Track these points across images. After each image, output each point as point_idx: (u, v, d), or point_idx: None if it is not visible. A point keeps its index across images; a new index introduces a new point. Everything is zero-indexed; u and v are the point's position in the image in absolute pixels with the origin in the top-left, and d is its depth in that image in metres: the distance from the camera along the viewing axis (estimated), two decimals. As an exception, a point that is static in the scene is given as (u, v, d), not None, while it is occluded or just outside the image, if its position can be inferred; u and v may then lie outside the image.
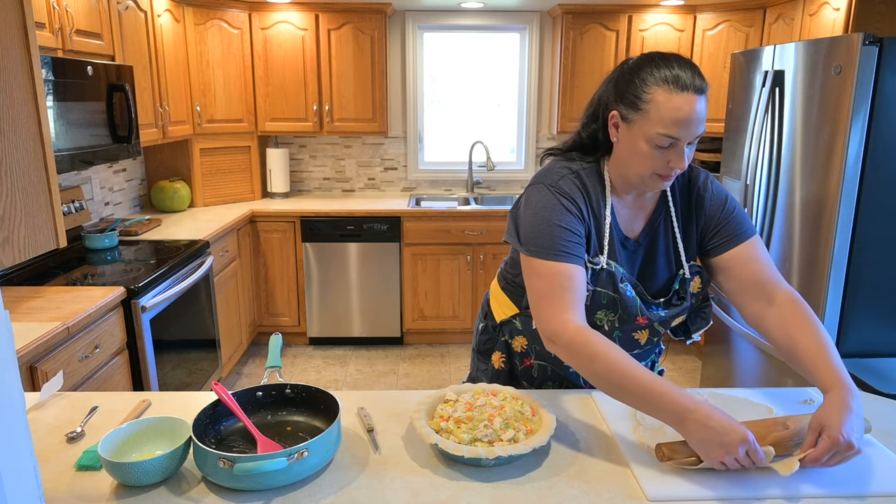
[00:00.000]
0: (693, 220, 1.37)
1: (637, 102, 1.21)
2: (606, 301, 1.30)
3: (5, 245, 0.98)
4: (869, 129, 2.22)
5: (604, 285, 1.29)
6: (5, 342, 0.79)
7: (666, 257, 1.36)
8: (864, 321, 2.36)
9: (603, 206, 1.31)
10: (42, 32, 2.39)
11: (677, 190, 1.38)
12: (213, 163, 4.10)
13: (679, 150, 1.20)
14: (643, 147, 1.22)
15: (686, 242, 1.37)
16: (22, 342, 1.81)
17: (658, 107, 1.18)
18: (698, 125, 1.18)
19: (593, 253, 1.30)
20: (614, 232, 1.32)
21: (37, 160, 1.06)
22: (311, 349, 4.21)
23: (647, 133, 1.20)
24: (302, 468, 1.07)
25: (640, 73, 1.21)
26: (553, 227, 1.25)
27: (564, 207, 1.26)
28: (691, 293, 1.37)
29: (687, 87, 1.17)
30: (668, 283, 1.38)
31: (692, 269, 1.37)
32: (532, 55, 4.50)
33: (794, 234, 2.51)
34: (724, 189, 1.39)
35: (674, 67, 1.18)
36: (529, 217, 1.28)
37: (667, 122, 1.18)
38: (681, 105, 1.16)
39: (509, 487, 1.09)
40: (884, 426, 1.30)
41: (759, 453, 1.05)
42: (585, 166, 1.33)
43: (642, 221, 1.36)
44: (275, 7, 4.02)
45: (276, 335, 1.42)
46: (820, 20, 3.21)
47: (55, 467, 1.15)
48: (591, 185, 1.31)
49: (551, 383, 1.48)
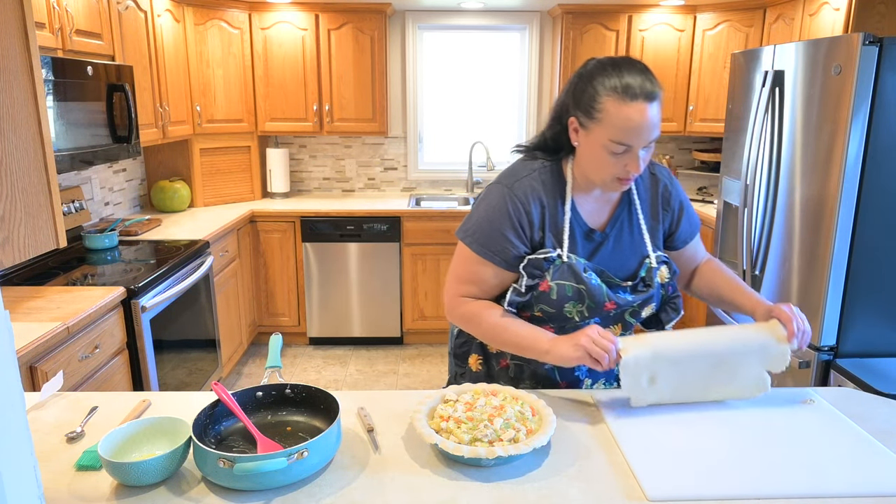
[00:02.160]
0: (659, 213, 1.46)
1: (591, 111, 1.26)
2: (572, 293, 1.34)
3: (5, 245, 0.98)
4: (869, 129, 2.22)
5: (566, 277, 1.34)
6: (5, 342, 0.79)
7: (632, 247, 1.43)
8: (864, 321, 2.36)
9: (562, 203, 1.38)
10: (42, 32, 2.39)
11: (640, 184, 1.45)
12: (213, 163, 4.10)
13: (634, 155, 1.26)
14: (600, 153, 1.27)
15: (651, 233, 1.44)
16: (22, 342, 1.81)
17: (610, 116, 1.23)
18: (651, 131, 1.23)
19: (551, 246, 1.36)
20: (576, 226, 1.38)
21: (37, 160, 1.06)
22: (311, 349, 4.21)
23: (601, 140, 1.25)
24: (302, 468, 1.07)
25: (593, 82, 1.25)
26: (494, 231, 1.35)
27: (510, 215, 1.35)
28: (659, 282, 1.42)
29: (637, 95, 1.21)
30: (637, 270, 1.43)
31: (659, 259, 1.43)
32: (532, 55, 4.50)
33: (794, 234, 2.51)
34: (680, 186, 1.52)
35: (624, 76, 1.22)
36: (481, 213, 1.38)
37: (619, 130, 1.22)
38: (631, 115, 1.21)
39: (509, 487, 1.09)
40: (884, 426, 1.30)
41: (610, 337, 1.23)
42: (547, 164, 1.39)
43: (607, 214, 1.42)
44: (275, 7, 4.02)
45: (276, 335, 1.42)
46: (820, 20, 3.21)
47: (55, 467, 1.15)
48: (550, 184, 1.38)
49: (528, 382, 1.49)
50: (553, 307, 1.36)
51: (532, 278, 1.36)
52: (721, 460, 1.15)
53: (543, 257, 1.35)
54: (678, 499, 1.06)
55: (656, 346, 1.29)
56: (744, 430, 1.26)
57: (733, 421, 1.30)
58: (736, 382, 1.33)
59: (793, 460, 1.16)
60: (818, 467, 1.14)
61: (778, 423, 1.29)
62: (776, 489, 1.07)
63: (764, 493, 1.06)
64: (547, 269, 1.35)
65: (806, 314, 2.45)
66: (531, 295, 1.37)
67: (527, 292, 1.37)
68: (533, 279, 1.36)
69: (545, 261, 1.35)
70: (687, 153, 4.71)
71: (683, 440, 1.22)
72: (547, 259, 1.35)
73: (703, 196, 4.30)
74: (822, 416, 1.33)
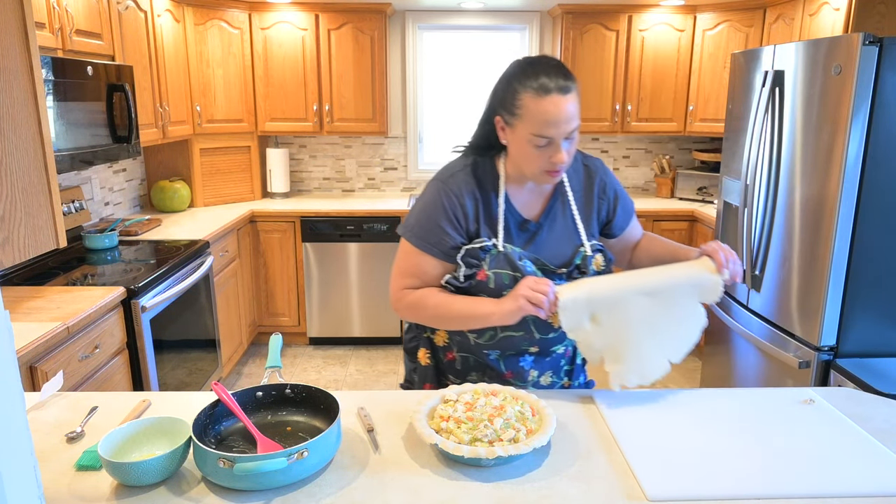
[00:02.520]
0: (594, 202, 1.52)
1: (513, 109, 1.33)
2: (509, 281, 1.39)
3: (5, 245, 0.98)
4: (869, 129, 2.22)
5: (502, 266, 1.40)
6: (5, 342, 0.79)
7: (566, 236, 1.49)
8: (864, 321, 2.36)
9: (495, 196, 1.45)
10: (42, 32, 2.39)
11: (573, 176, 1.51)
12: (213, 163, 4.10)
13: (556, 146, 1.33)
14: (526, 148, 1.34)
15: (586, 222, 1.51)
16: (22, 342, 1.81)
17: (529, 111, 1.30)
18: (568, 122, 1.31)
19: (486, 237, 1.43)
20: (510, 217, 1.45)
21: (37, 160, 1.06)
22: (311, 349, 4.21)
23: (525, 135, 1.33)
24: (302, 468, 1.07)
25: (513, 82, 1.34)
26: (431, 224, 1.43)
27: (444, 208, 1.43)
28: (595, 270, 1.47)
29: (550, 90, 1.28)
30: (572, 258, 1.49)
31: (594, 247, 1.49)
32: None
33: (794, 234, 2.51)
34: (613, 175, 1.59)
35: (539, 74, 1.30)
36: (418, 209, 1.47)
37: (538, 124, 1.30)
38: (547, 108, 1.29)
39: (509, 487, 1.09)
40: (884, 426, 1.30)
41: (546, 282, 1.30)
42: (479, 161, 1.48)
43: (541, 205, 1.49)
44: (275, 7, 4.02)
45: (276, 335, 1.42)
46: (820, 20, 3.21)
47: (55, 467, 1.15)
48: (483, 179, 1.45)
49: (475, 374, 1.53)
50: (492, 296, 1.40)
51: (470, 268, 1.43)
52: (721, 460, 1.16)
53: (479, 246, 1.42)
54: (678, 499, 1.06)
55: (592, 286, 1.35)
56: (744, 430, 1.26)
57: (733, 421, 1.30)
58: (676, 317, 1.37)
59: (793, 460, 1.16)
60: (818, 467, 1.14)
61: (778, 423, 1.29)
62: (776, 489, 1.07)
63: (764, 493, 1.06)
64: (483, 258, 1.41)
65: (806, 314, 2.45)
66: (470, 284, 1.42)
67: (465, 281, 1.43)
68: (471, 268, 1.43)
69: (481, 250, 1.42)
70: (687, 153, 4.71)
71: (683, 440, 1.22)
72: (483, 248, 1.42)
73: (703, 196, 4.30)
74: (822, 416, 1.33)
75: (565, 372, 1.57)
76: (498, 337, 1.45)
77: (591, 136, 4.64)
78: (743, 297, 2.90)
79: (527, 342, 1.45)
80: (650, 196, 4.60)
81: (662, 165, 4.54)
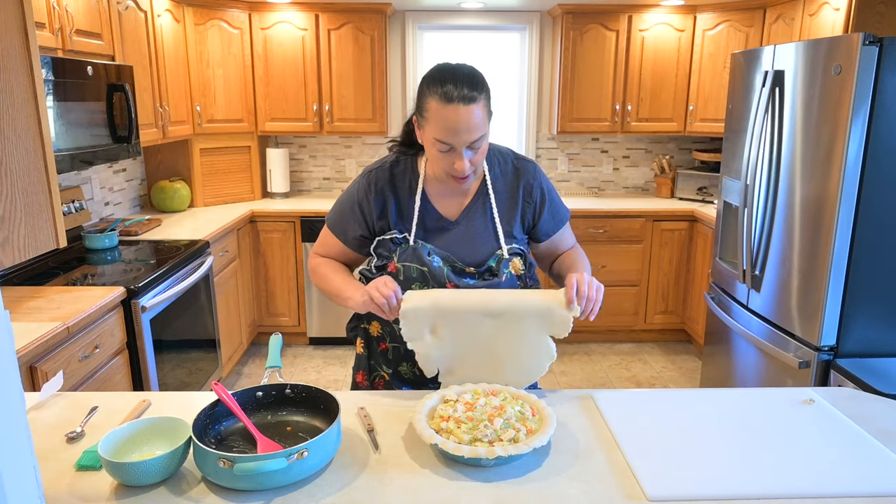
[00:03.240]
0: (519, 205, 1.53)
1: (422, 111, 1.38)
2: (416, 274, 1.44)
3: (5, 245, 0.98)
4: (869, 129, 2.22)
5: (411, 259, 1.45)
6: (5, 342, 0.79)
7: (484, 237, 1.50)
8: (864, 321, 2.36)
9: (412, 194, 1.50)
10: (42, 32, 2.39)
11: (499, 177, 1.53)
12: (213, 163, 4.10)
13: (458, 154, 1.36)
14: (431, 150, 1.39)
15: (507, 224, 1.51)
16: (22, 342, 1.81)
17: (434, 116, 1.34)
18: (470, 132, 1.33)
19: (398, 230, 1.49)
20: (426, 214, 1.50)
21: (37, 160, 1.06)
22: (311, 349, 4.21)
23: (430, 138, 1.37)
24: (302, 468, 1.07)
25: (424, 86, 1.38)
26: (342, 213, 1.55)
27: (355, 201, 1.52)
28: (513, 273, 1.48)
29: (453, 98, 1.31)
30: (487, 259, 1.50)
31: (512, 251, 1.50)
32: (532, 55, 4.50)
33: (794, 234, 2.51)
34: (548, 181, 1.59)
35: (447, 81, 1.33)
36: (341, 195, 1.59)
37: (440, 129, 1.34)
38: (448, 115, 1.32)
39: (509, 487, 1.09)
40: (884, 426, 1.30)
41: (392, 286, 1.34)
42: (401, 158, 1.54)
43: (460, 205, 1.51)
44: (275, 7, 4.02)
45: (276, 335, 1.42)
46: (820, 20, 3.21)
47: (55, 467, 1.15)
48: (401, 176, 1.52)
49: (405, 364, 1.55)
50: (402, 287, 1.44)
51: (381, 259, 1.50)
52: (721, 460, 1.16)
53: (390, 238, 1.48)
54: (678, 499, 1.06)
55: (438, 298, 1.35)
56: (744, 430, 1.26)
57: (733, 421, 1.30)
58: (523, 347, 1.36)
59: (793, 460, 1.16)
60: (818, 467, 1.14)
61: (778, 423, 1.29)
62: (776, 489, 1.07)
63: (764, 493, 1.06)
64: (394, 251, 1.48)
65: (806, 314, 2.45)
66: (381, 274, 1.48)
67: (377, 272, 1.51)
68: (381, 259, 1.50)
69: (392, 242, 1.48)
70: (687, 153, 4.71)
71: (683, 440, 1.22)
72: (394, 241, 1.48)
73: (703, 196, 4.30)
74: (822, 416, 1.33)
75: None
76: None
77: (591, 136, 4.64)
78: (743, 297, 2.90)
79: None
80: (650, 196, 4.60)
81: (662, 165, 4.54)
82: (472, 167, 1.38)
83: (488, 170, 1.52)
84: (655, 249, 4.14)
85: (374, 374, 1.61)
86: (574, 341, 4.31)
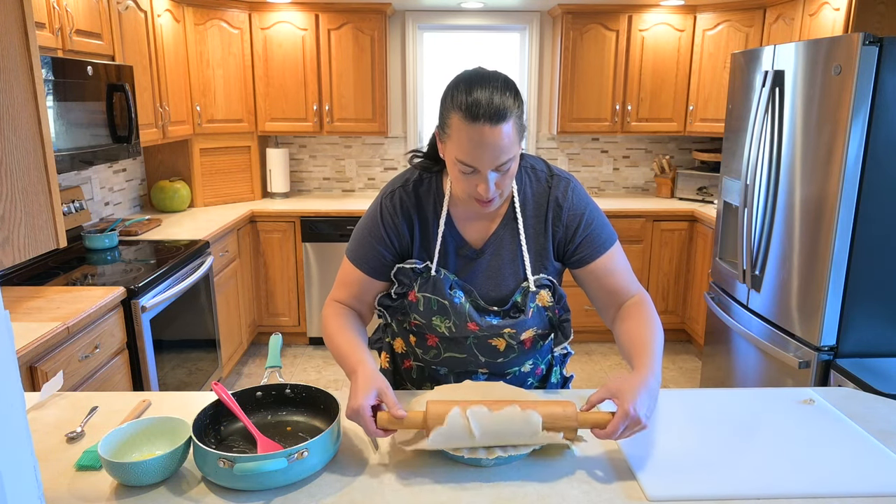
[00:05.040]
0: (548, 229, 1.34)
1: (444, 127, 1.20)
2: (437, 307, 1.32)
3: (5, 245, 0.98)
4: (869, 129, 2.22)
5: (432, 291, 1.32)
6: (5, 342, 0.79)
7: (512, 267, 1.34)
8: (864, 321, 2.36)
9: (436, 216, 1.34)
10: (42, 32, 2.39)
11: (529, 198, 1.34)
12: (213, 163, 4.10)
13: (482, 177, 1.18)
14: (453, 170, 1.21)
15: (536, 255, 1.34)
16: (22, 342, 1.81)
17: (456, 134, 1.16)
18: (497, 155, 1.15)
19: (420, 259, 1.34)
20: (450, 240, 1.34)
21: (37, 160, 1.06)
22: (311, 349, 4.21)
23: (451, 158, 1.20)
24: (302, 468, 1.07)
25: (447, 96, 1.20)
26: (364, 240, 1.37)
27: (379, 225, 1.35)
28: (541, 307, 1.34)
29: (479, 116, 1.12)
30: (512, 293, 1.35)
31: (539, 282, 1.33)
32: (532, 55, 4.50)
33: (794, 234, 2.51)
34: (585, 199, 1.36)
35: (473, 93, 1.14)
36: (360, 222, 1.42)
37: (462, 150, 1.16)
38: (472, 136, 1.14)
39: (509, 488, 1.09)
40: (884, 426, 1.30)
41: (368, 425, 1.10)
42: (425, 176, 1.36)
43: (487, 231, 1.35)
44: (275, 7, 4.02)
45: (276, 335, 1.42)
46: (820, 20, 3.21)
47: (55, 467, 1.15)
48: (424, 197, 1.35)
49: (429, 384, 1.48)
50: (422, 318, 1.35)
51: (401, 286, 1.36)
52: (721, 460, 1.16)
53: (411, 267, 1.33)
54: (678, 499, 1.06)
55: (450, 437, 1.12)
56: (744, 430, 1.26)
57: (733, 421, 1.30)
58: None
59: (793, 460, 1.16)
60: (818, 467, 1.14)
61: (778, 423, 1.29)
62: (776, 489, 1.07)
63: (764, 493, 1.06)
64: (415, 279, 1.34)
65: (806, 314, 2.45)
66: (402, 302, 1.38)
67: (398, 299, 1.38)
68: (402, 287, 1.36)
69: (412, 271, 1.34)
70: (687, 153, 4.71)
71: (683, 440, 1.22)
72: (414, 270, 1.33)
73: (703, 196, 4.30)
74: (822, 416, 1.33)
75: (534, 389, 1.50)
76: (442, 356, 1.41)
77: (591, 136, 4.64)
78: (743, 297, 2.90)
79: (473, 364, 1.40)
80: (650, 196, 4.60)
81: (662, 165, 4.54)
82: (497, 191, 1.20)
83: (517, 191, 1.33)
84: (655, 249, 4.14)
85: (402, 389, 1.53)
86: (574, 341, 4.31)
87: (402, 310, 1.41)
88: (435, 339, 1.40)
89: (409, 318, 1.41)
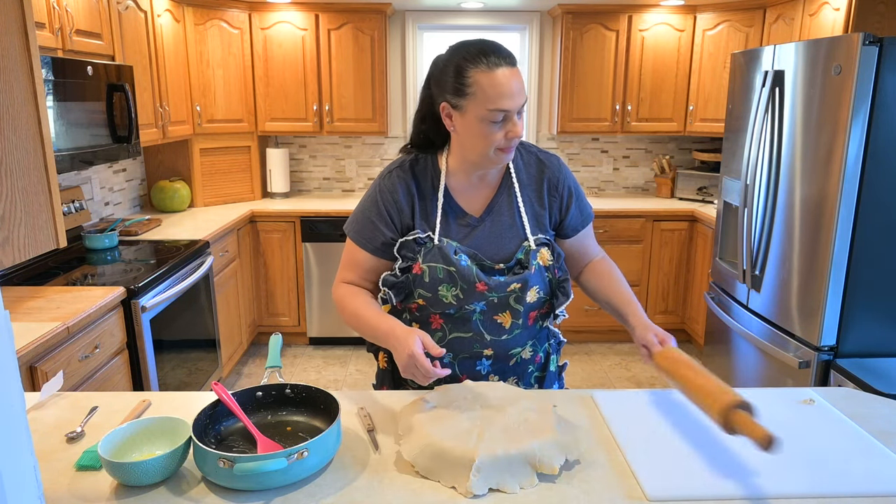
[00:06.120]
0: (545, 199, 1.48)
1: (462, 89, 1.30)
2: (443, 275, 1.38)
3: (5, 245, 0.98)
4: (869, 129, 2.22)
5: (437, 260, 1.38)
6: (5, 342, 0.79)
7: (512, 230, 1.45)
8: (864, 321, 2.36)
9: (434, 190, 1.44)
10: (42, 32, 2.39)
11: (522, 169, 1.48)
12: (213, 163, 4.10)
13: (512, 120, 1.32)
14: (479, 127, 1.32)
15: (535, 216, 1.46)
16: (22, 342, 1.81)
17: (482, 87, 1.28)
18: (521, 94, 1.31)
19: (422, 230, 1.42)
20: (449, 211, 1.44)
21: (37, 160, 1.06)
22: (311, 349, 4.21)
23: (479, 114, 1.30)
24: (302, 468, 1.07)
25: (457, 64, 1.31)
26: (365, 220, 1.46)
27: (378, 203, 1.44)
28: (541, 265, 1.43)
29: (499, 63, 1.28)
30: (514, 253, 1.45)
31: (539, 241, 1.44)
32: (532, 55, 4.50)
33: (794, 234, 2.51)
34: (571, 174, 1.54)
35: (483, 50, 1.29)
36: (359, 205, 1.50)
37: (494, 98, 1.28)
38: (500, 80, 1.28)
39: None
40: (884, 426, 1.30)
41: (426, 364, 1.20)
42: (420, 157, 1.48)
43: (485, 199, 1.46)
44: (275, 7, 4.02)
45: (276, 335, 1.42)
46: (820, 20, 3.21)
47: (55, 467, 1.15)
48: (421, 174, 1.46)
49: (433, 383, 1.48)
50: (428, 290, 1.39)
51: (405, 261, 1.42)
52: (721, 460, 1.16)
53: (413, 238, 1.41)
54: (678, 499, 1.06)
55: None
56: (744, 430, 1.26)
57: (733, 421, 1.30)
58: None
59: (793, 460, 1.16)
60: (818, 467, 1.14)
61: (778, 423, 1.29)
62: (776, 489, 1.07)
63: (764, 492, 1.06)
64: (419, 251, 1.41)
65: (806, 314, 2.45)
66: (406, 277, 1.42)
67: (402, 274, 1.43)
68: (406, 261, 1.42)
69: (415, 242, 1.41)
70: (687, 153, 4.71)
71: (683, 440, 1.22)
72: (417, 241, 1.41)
73: (703, 196, 4.30)
74: (822, 416, 1.33)
75: (535, 378, 1.53)
76: (448, 338, 1.43)
77: (591, 136, 4.64)
78: (743, 297, 2.90)
79: (478, 344, 1.42)
80: (650, 196, 4.60)
81: (662, 165, 4.54)
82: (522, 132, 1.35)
83: (511, 161, 1.46)
84: (655, 249, 4.14)
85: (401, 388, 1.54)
86: (574, 341, 4.31)
87: (406, 289, 1.43)
88: (439, 320, 1.42)
89: (414, 300, 1.43)
